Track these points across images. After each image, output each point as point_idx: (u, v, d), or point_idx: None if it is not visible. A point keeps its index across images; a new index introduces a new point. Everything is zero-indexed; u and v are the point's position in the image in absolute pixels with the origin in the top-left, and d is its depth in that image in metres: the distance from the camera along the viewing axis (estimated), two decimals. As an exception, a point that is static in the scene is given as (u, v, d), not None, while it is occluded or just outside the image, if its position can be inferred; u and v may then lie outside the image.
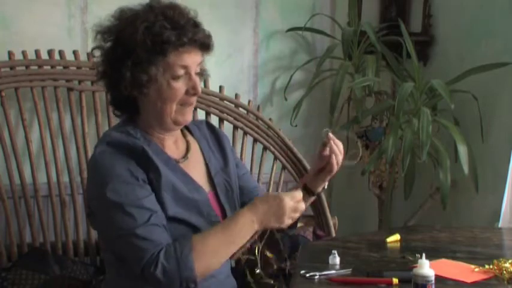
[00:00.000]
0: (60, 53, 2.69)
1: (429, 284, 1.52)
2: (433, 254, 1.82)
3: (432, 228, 2.28)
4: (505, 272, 1.71)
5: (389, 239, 2.02)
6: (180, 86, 1.71)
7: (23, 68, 2.61)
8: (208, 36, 1.76)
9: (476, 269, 1.76)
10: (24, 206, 2.56)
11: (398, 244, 1.99)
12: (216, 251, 1.65)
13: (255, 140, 2.96)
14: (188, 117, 1.77)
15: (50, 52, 2.67)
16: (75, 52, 2.73)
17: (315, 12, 3.31)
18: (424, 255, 1.58)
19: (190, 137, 1.88)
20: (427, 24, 3.40)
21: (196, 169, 1.83)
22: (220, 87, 2.93)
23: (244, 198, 1.94)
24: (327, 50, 3.27)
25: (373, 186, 3.29)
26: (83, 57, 2.74)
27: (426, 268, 1.55)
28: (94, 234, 2.67)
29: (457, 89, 3.02)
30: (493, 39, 3.07)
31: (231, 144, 2.02)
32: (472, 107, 3.02)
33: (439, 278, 1.61)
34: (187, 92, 1.73)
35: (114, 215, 1.65)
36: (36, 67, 2.63)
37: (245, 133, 2.94)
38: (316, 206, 2.94)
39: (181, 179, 1.76)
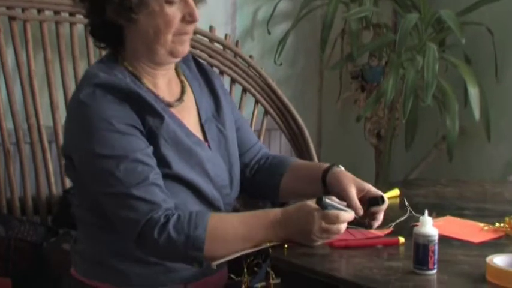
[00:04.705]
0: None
1: (432, 244, 1.44)
2: (437, 211, 1.79)
3: (437, 182, 2.26)
4: (517, 230, 1.69)
5: (387, 195, 1.89)
6: (174, 11, 1.65)
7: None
8: None
9: (486, 228, 1.73)
10: (-41, 156, 2.52)
11: (398, 200, 1.96)
12: (229, 244, 1.59)
13: (233, 81, 2.89)
14: (186, 48, 1.71)
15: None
16: (17, -26, 2.61)
17: None
18: (426, 212, 1.51)
19: (183, 77, 1.82)
20: None
21: (190, 115, 1.77)
22: (192, 18, 2.78)
23: (244, 159, 1.89)
24: (317, -26, 3.23)
25: (370, 134, 3.26)
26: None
27: (429, 226, 1.48)
28: (45, 190, 2.58)
29: (468, 20, 2.99)
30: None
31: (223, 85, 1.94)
32: (486, 42, 2.99)
33: (443, 238, 1.56)
34: (183, 19, 1.66)
35: (104, 171, 1.57)
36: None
37: (221, 72, 2.84)
38: (304, 157, 2.89)
39: (179, 129, 1.70)
